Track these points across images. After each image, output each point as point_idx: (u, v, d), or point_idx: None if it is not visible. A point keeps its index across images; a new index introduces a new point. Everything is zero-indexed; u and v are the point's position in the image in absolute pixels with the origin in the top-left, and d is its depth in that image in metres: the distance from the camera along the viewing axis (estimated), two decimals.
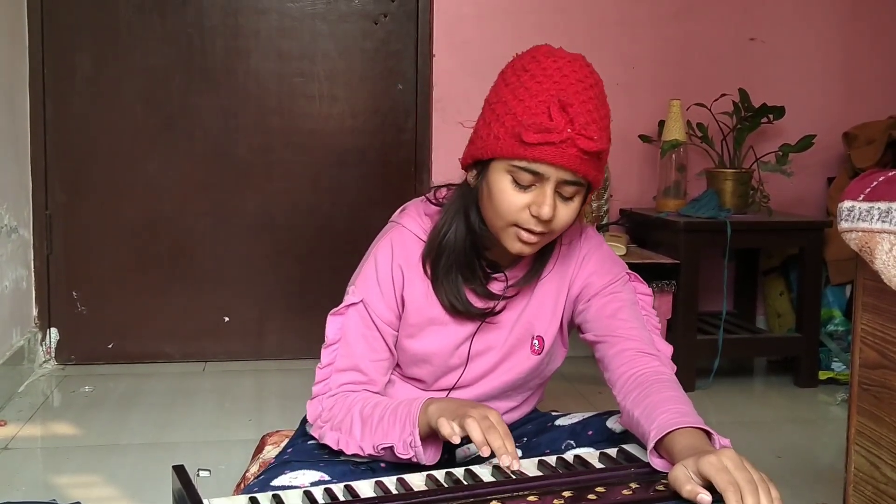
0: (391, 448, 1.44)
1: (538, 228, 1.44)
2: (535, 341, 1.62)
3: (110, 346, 3.34)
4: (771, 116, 3.28)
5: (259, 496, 1.23)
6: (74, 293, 3.31)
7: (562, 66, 1.43)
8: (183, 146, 3.33)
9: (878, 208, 1.35)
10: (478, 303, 1.57)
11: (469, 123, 1.53)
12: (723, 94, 3.32)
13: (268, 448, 1.82)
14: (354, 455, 1.50)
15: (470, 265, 1.55)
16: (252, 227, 3.39)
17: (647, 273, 2.96)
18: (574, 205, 1.46)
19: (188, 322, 3.38)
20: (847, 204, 1.41)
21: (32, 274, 3.24)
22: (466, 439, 1.35)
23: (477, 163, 1.49)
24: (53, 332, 3.30)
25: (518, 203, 1.43)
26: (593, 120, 1.40)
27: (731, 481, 1.13)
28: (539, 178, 1.41)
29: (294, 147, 3.38)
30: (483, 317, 1.58)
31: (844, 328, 3.33)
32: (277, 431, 1.93)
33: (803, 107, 3.52)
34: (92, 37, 3.25)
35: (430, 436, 1.44)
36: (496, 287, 1.58)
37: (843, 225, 1.41)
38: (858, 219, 1.38)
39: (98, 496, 2.17)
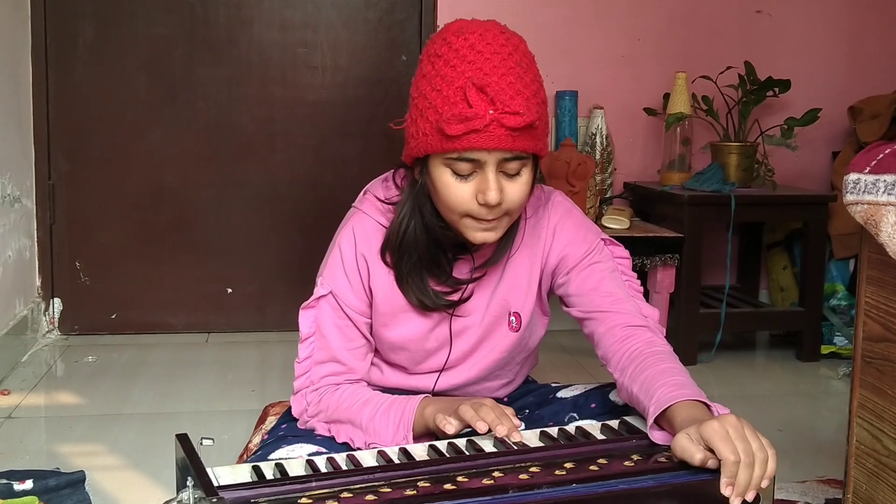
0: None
1: (490, 216, 1.41)
2: (513, 318, 1.60)
3: (113, 317, 3.35)
4: (776, 90, 3.26)
5: (262, 465, 1.24)
6: (77, 263, 3.31)
7: (473, 42, 1.37)
8: (185, 116, 3.32)
9: (885, 181, 1.34)
10: (445, 289, 1.56)
11: (399, 123, 1.49)
12: (728, 67, 3.30)
13: (270, 419, 1.83)
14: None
15: (435, 260, 1.53)
16: (255, 198, 3.39)
17: (651, 246, 2.97)
18: (523, 179, 1.42)
19: (191, 293, 3.39)
20: (853, 176, 1.40)
21: (35, 244, 3.24)
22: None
23: (417, 160, 1.47)
24: (57, 303, 3.30)
25: (464, 194, 1.40)
26: (516, 92, 1.35)
27: (733, 450, 1.15)
28: (477, 164, 1.38)
29: (297, 118, 3.37)
30: (451, 307, 1.56)
31: (847, 303, 3.33)
32: (280, 402, 1.93)
33: (809, 80, 3.51)
34: (94, 4, 3.22)
35: (423, 435, 1.44)
36: (463, 270, 1.56)
37: (849, 197, 1.40)
38: (864, 191, 1.37)
39: (102, 465, 2.18)
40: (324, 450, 1.45)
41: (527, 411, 1.65)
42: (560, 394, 1.66)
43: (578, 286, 1.56)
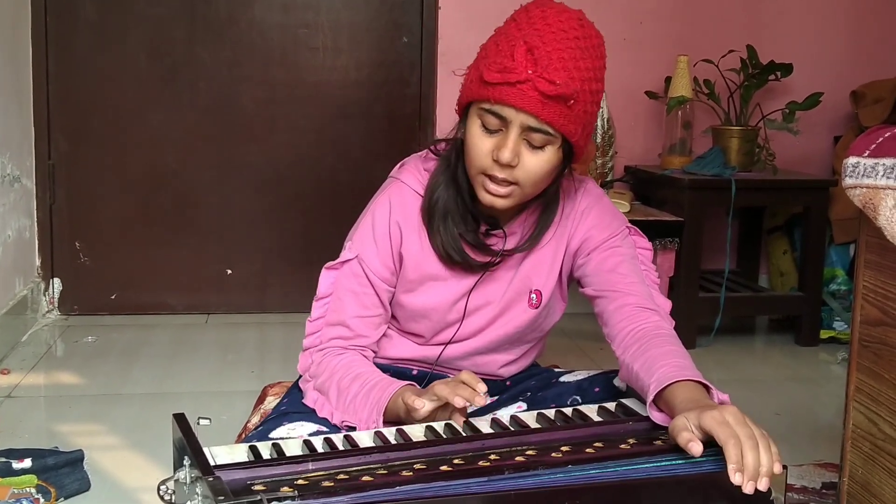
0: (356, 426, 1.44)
1: (501, 175, 1.41)
2: (533, 295, 1.61)
3: (113, 297, 3.35)
4: (778, 73, 3.25)
5: (259, 445, 1.24)
6: (77, 243, 3.31)
7: (547, 15, 1.40)
8: (186, 96, 3.31)
9: (883, 164, 1.34)
10: (474, 255, 1.57)
11: (461, 72, 1.52)
12: (730, 51, 3.29)
13: (269, 399, 1.84)
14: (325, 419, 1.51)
15: (464, 218, 1.54)
16: (255, 179, 3.38)
17: (651, 230, 2.96)
18: (544, 156, 1.42)
19: (191, 274, 3.39)
20: (852, 160, 1.40)
21: (35, 224, 3.24)
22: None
23: (463, 111, 1.49)
24: (56, 283, 3.30)
25: (484, 148, 1.42)
26: (564, 67, 1.36)
27: (733, 434, 1.14)
28: (504, 122, 1.39)
29: (298, 99, 3.37)
30: (483, 268, 1.58)
31: (847, 287, 3.33)
32: (279, 383, 1.94)
33: (811, 64, 3.49)
34: None
35: (394, 422, 1.43)
36: (493, 241, 1.57)
37: (848, 181, 1.40)
38: (863, 175, 1.37)
39: (100, 444, 2.18)
40: (324, 429, 1.45)
41: (528, 394, 1.66)
42: (563, 378, 1.66)
43: (596, 266, 1.57)
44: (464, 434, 1.28)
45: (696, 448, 1.16)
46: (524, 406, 1.61)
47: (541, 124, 1.38)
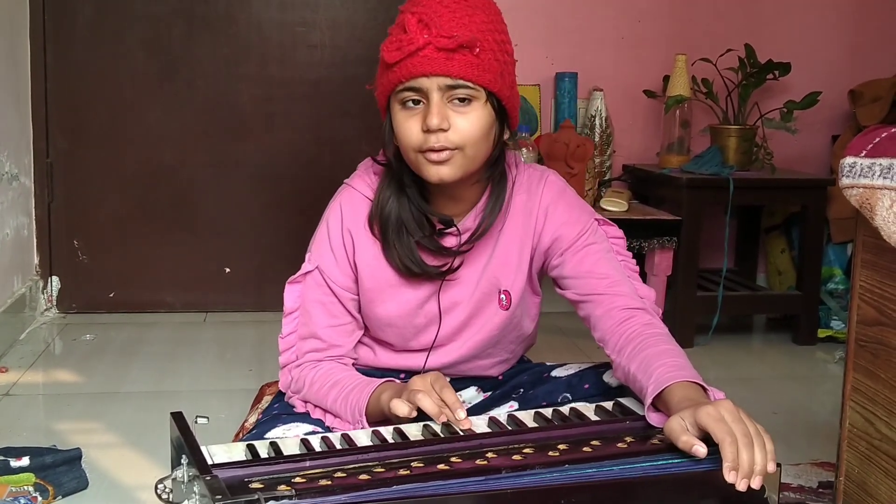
0: None
1: (438, 144, 1.40)
2: (503, 296, 1.60)
3: (111, 295, 3.35)
4: (776, 73, 3.25)
5: (257, 443, 1.24)
6: (76, 241, 3.31)
7: None
8: (184, 95, 3.31)
9: (880, 164, 1.34)
10: (433, 261, 1.55)
11: (373, 85, 1.52)
12: (728, 50, 3.29)
13: (266, 398, 1.84)
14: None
15: (419, 224, 1.53)
16: (253, 177, 3.38)
17: (649, 229, 2.97)
18: (473, 113, 1.42)
19: (189, 272, 3.39)
20: (849, 160, 1.40)
21: (34, 222, 3.24)
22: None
23: (387, 112, 1.48)
24: (55, 281, 3.30)
25: (414, 127, 1.41)
26: (459, 23, 1.37)
27: (729, 431, 1.15)
28: (421, 93, 1.39)
29: (295, 97, 3.36)
30: (441, 276, 1.56)
31: (845, 286, 3.34)
32: (276, 381, 1.94)
33: (809, 63, 3.49)
34: None
35: (380, 421, 1.43)
36: (450, 242, 1.56)
37: (845, 181, 1.40)
38: (860, 175, 1.37)
39: (98, 442, 2.18)
40: (319, 429, 1.45)
41: (521, 390, 1.65)
42: (555, 373, 1.66)
43: (573, 268, 1.55)
44: (461, 434, 1.29)
45: (701, 451, 1.16)
46: (515, 405, 1.60)
47: (455, 80, 1.38)
